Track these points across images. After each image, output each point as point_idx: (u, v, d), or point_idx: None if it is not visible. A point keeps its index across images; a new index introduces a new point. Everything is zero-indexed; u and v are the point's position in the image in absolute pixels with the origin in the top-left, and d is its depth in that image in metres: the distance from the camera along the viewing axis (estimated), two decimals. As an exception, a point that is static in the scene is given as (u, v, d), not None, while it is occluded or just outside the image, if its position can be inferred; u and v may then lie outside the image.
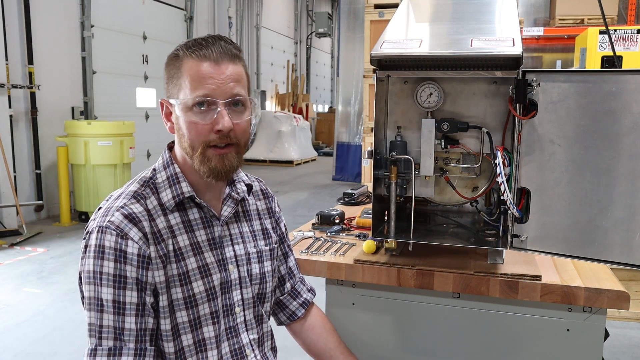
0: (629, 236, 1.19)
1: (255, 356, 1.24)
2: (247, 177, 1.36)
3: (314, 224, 1.92)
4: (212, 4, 11.60)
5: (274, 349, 1.33)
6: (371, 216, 1.44)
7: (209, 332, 1.16)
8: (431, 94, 1.42)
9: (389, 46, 1.33)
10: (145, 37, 9.05)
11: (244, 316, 1.24)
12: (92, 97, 7.62)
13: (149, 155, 8.97)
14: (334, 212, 1.92)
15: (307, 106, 16.48)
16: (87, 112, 7.54)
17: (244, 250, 1.26)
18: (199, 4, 10.93)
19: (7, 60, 6.00)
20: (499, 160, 1.29)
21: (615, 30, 4.24)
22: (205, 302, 1.16)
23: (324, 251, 1.60)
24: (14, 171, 6.09)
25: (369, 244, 1.52)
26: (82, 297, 1.11)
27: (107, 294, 1.05)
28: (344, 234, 1.80)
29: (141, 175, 1.21)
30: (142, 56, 9.01)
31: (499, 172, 1.28)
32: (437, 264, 1.43)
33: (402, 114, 1.49)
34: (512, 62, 1.27)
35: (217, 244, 1.21)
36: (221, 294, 1.19)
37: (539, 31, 6.74)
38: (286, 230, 1.45)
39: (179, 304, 1.12)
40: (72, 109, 7.26)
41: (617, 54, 3.98)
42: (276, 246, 1.37)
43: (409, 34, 1.41)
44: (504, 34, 1.32)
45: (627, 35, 4.16)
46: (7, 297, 3.97)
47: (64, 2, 7.11)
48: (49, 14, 6.79)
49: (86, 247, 1.09)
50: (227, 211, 1.23)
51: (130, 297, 1.06)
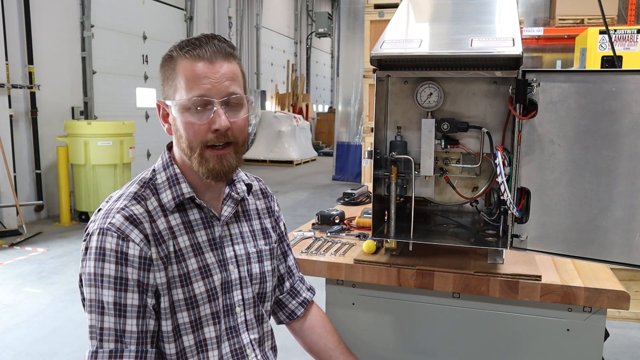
0: (629, 236, 1.19)
1: (255, 356, 1.24)
2: (247, 176, 1.36)
3: (314, 224, 1.92)
4: (212, 4, 11.60)
5: (274, 349, 1.34)
6: (371, 216, 1.44)
7: (209, 332, 1.16)
8: (431, 94, 1.42)
9: (389, 46, 1.33)
10: (145, 37, 9.05)
11: (245, 316, 1.24)
12: (92, 97, 7.62)
13: (149, 155, 8.97)
14: (334, 212, 1.92)
15: (307, 106, 16.48)
16: (87, 112, 7.54)
17: (244, 250, 1.25)
18: (199, 4, 10.93)
19: (7, 60, 6.00)
20: (499, 160, 1.29)
21: (615, 30, 4.24)
22: (206, 302, 1.15)
23: (324, 251, 1.60)
24: (14, 171, 6.09)
25: (369, 244, 1.52)
26: (83, 299, 1.11)
27: (108, 296, 1.05)
28: (344, 234, 1.80)
29: (141, 176, 1.21)
30: (142, 56, 9.01)
31: (499, 172, 1.28)
32: (437, 264, 1.43)
33: (402, 114, 1.49)
34: (512, 62, 1.27)
35: (217, 244, 1.21)
36: (222, 294, 1.19)
37: (539, 31, 6.74)
38: (285, 229, 1.45)
39: (180, 305, 1.12)
40: (72, 109, 7.26)
41: (617, 54, 3.98)
42: (276, 245, 1.37)
43: (409, 34, 1.41)
44: (504, 34, 1.32)
45: (627, 35, 4.16)
46: (7, 297, 3.97)
47: (64, 2, 7.11)
48: (49, 14, 6.79)
49: (87, 250, 1.08)
50: (227, 211, 1.23)
51: (131, 299, 1.06)
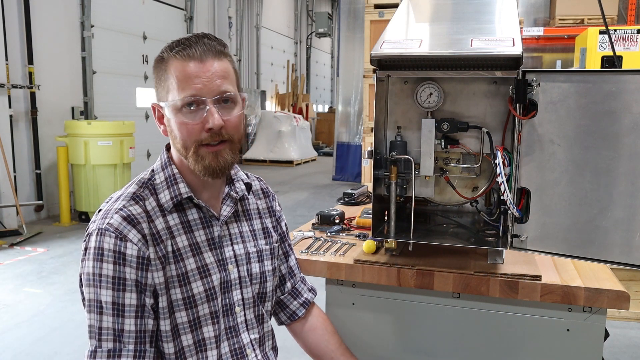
0: (629, 236, 1.19)
1: (255, 356, 1.24)
2: (248, 176, 1.36)
3: (314, 224, 1.92)
4: (212, 4, 11.60)
5: (274, 349, 1.33)
6: (371, 216, 1.44)
7: (208, 332, 1.16)
8: (431, 94, 1.42)
9: (389, 46, 1.33)
10: (145, 37, 9.05)
11: (244, 316, 1.24)
12: (92, 97, 7.62)
13: (149, 155, 8.97)
14: (334, 212, 1.92)
15: (307, 106, 16.48)
16: (87, 112, 7.54)
17: (243, 249, 1.25)
18: (199, 4, 10.93)
19: (7, 60, 6.00)
20: (499, 160, 1.29)
21: (615, 30, 4.24)
22: (204, 302, 1.15)
23: (324, 251, 1.60)
24: (14, 171, 6.09)
25: (369, 244, 1.52)
26: (83, 299, 1.11)
27: (106, 296, 1.05)
28: (344, 234, 1.80)
29: (140, 176, 1.22)
30: (142, 56, 9.01)
31: (499, 172, 1.28)
32: (437, 264, 1.43)
33: (402, 114, 1.49)
34: (512, 62, 1.27)
35: (216, 244, 1.21)
36: (221, 294, 1.19)
37: (539, 31, 6.74)
38: (287, 229, 1.45)
39: (179, 305, 1.12)
40: (72, 109, 7.26)
41: (617, 54, 3.98)
42: (277, 245, 1.37)
43: (409, 34, 1.41)
44: (504, 34, 1.32)
45: (627, 35, 4.16)
46: (7, 297, 3.97)
47: (64, 2, 7.11)
48: (49, 14, 6.79)
49: (86, 250, 1.09)
50: (226, 211, 1.23)
51: (129, 299, 1.06)
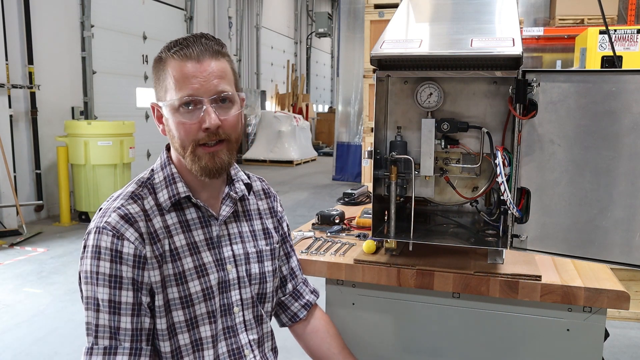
0: (629, 236, 1.19)
1: (254, 357, 1.24)
2: (249, 177, 1.36)
3: (314, 224, 1.92)
4: (212, 4, 11.60)
5: (274, 350, 1.33)
6: (371, 216, 1.44)
7: (205, 331, 1.16)
8: (431, 94, 1.42)
9: (389, 46, 1.33)
10: (145, 37, 9.05)
11: (243, 316, 1.23)
12: (92, 97, 7.62)
13: (149, 155, 8.97)
14: (334, 212, 1.92)
15: (307, 106, 16.48)
16: (87, 112, 7.54)
17: (242, 250, 1.25)
18: (199, 4, 10.93)
19: (7, 60, 6.00)
20: (499, 160, 1.29)
21: (615, 30, 4.24)
22: (201, 301, 1.16)
23: (324, 251, 1.60)
24: (14, 171, 6.09)
25: (369, 244, 1.52)
26: (82, 297, 1.12)
27: (103, 293, 1.06)
28: (344, 234, 1.80)
29: (140, 176, 1.23)
30: (142, 56, 9.01)
31: (499, 172, 1.28)
32: (437, 264, 1.43)
33: (402, 114, 1.49)
34: (512, 62, 1.27)
35: (214, 243, 1.21)
36: (218, 293, 1.19)
37: (539, 31, 6.74)
38: (289, 230, 1.45)
39: (175, 304, 1.13)
40: (72, 109, 7.26)
41: (617, 54, 3.98)
42: (278, 246, 1.36)
43: (409, 34, 1.41)
44: (504, 34, 1.32)
45: (627, 35, 4.16)
46: (7, 297, 3.97)
47: (64, 2, 7.11)
48: (49, 14, 6.79)
49: (85, 247, 1.10)
50: (225, 210, 1.23)
51: (126, 297, 1.07)
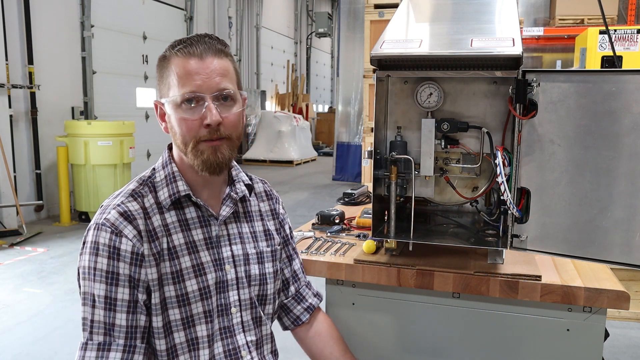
0: (629, 236, 1.19)
1: (252, 358, 1.23)
2: (251, 178, 1.36)
3: (314, 224, 1.92)
4: (212, 4, 11.60)
5: (274, 353, 1.32)
6: (371, 216, 1.44)
7: (201, 330, 1.16)
8: (431, 94, 1.42)
9: (389, 46, 1.33)
10: (145, 37, 9.05)
11: (241, 317, 1.23)
12: (92, 97, 7.62)
13: (149, 155, 8.97)
14: (334, 212, 1.92)
15: (307, 106, 16.48)
16: (87, 112, 7.54)
17: (242, 250, 1.25)
18: (199, 4, 10.93)
19: (7, 60, 6.00)
20: (499, 160, 1.29)
21: (615, 30, 4.24)
22: (198, 300, 1.16)
23: (324, 251, 1.60)
24: (14, 171, 6.09)
25: (369, 244, 1.52)
26: (80, 292, 1.13)
27: (99, 289, 1.07)
28: (344, 234, 1.80)
29: (141, 174, 1.23)
30: (142, 56, 9.01)
31: (499, 172, 1.28)
32: (437, 264, 1.43)
33: (402, 114, 1.49)
34: (512, 62, 1.27)
35: (213, 243, 1.21)
36: (216, 293, 1.19)
37: (539, 31, 6.74)
38: (291, 232, 1.44)
39: (172, 302, 1.13)
40: (72, 109, 7.26)
41: (617, 54, 3.98)
42: (279, 247, 1.36)
43: (409, 34, 1.41)
44: (504, 34, 1.32)
45: (627, 35, 4.16)
46: (7, 297, 3.97)
47: (64, 2, 7.10)
48: (49, 14, 6.79)
49: (84, 244, 1.11)
50: (225, 210, 1.23)
51: (122, 293, 1.08)
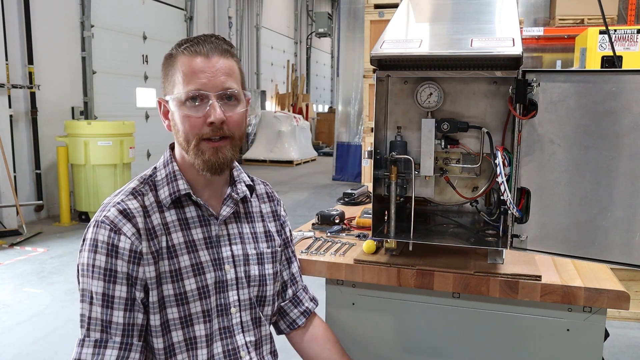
0: (629, 236, 1.19)
1: (251, 359, 1.23)
2: (253, 180, 1.36)
3: (314, 224, 1.92)
4: (212, 4, 11.60)
5: (273, 353, 1.32)
6: (371, 216, 1.44)
7: (200, 330, 1.16)
8: (431, 94, 1.42)
9: (389, 46, 1.33)
10: (145, 37, 9.05)
11: (240, 317, 1.23)
12: (92, 97, 7.62)
13: (149, 155, 8.97)
14: (334, 212, 1.92)
15: (307, 106, 16.48)
16: (87, 112, 7.54)
17: (242, 250, 1.25)
18: (199, 4, 10.93)
19: (7, 60, 6.00)
20: (499, 160, 1.29)
21: (615, 30, 4.24)
22: (196, 300, 1.16)
23: (324, 251, 1.60)
24: (14, 171, 6.09)
25: (369, 244, 1.52)
26: (79, 289, 1.13)
27: (97, 286, 1.07)
28: (344, 234, 1.80)
29: (143, 173, 1.24)
30: (142, 56, 9.01)
31: (499, 172, 1.28)
32: (437, 264, 1.43)
33: (402, 114, 1.49)
34: (512, 62, 1.27)
35: (213, 242, 1.21)
36: (215, 293, 1.19)
37: (539, 31, 6.74)
38: (291, 235, 1.44)
39: (170, 301, 1.13)
40: (72, 109, 7.26)
41: (617, 54, 3.98)
42: (280, 249, 1.36)
43: (409, 34, 1.41)
44: (504, 34, 1.32)
45: (627, 35, 4.16)
46: (7, 297, 3.97)
47: (64, 2, 7.10)
48: (49, 14, 6.79)
49: (83, 241, 1.12)
50: (225, 210, 1.23)
51: (119, 291, 1.08)
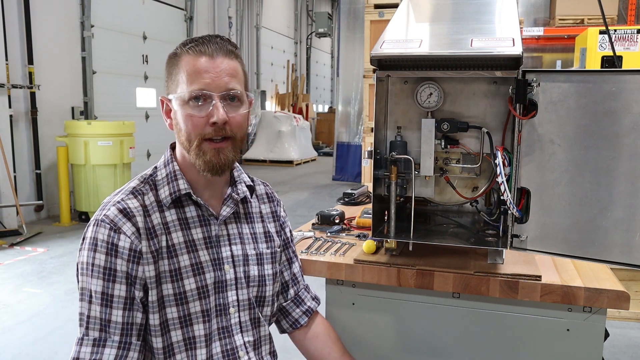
0: (629, 236, 1.19)
1: (249, 359, 1.23)
2: (253, 180, 1.36)
3: (314, 224, 1.92)
4: (212, 4, 11.60)
5: (272, 354, 1.32)
6: (371, 216, 1.44)
7: (199, 330, 1.16)
8: (431, 94, 1.42)
9: (389, 46, 1.33)
10: (145, 37, 9.05)
11: (239, 317, 1.23)
12: (92, 97, 7.62)
13: (149, 155, 8.97)
14: (334, 212, 1.92)
15: (307, 106, 16.48)
16: (87, 112, 7.54)
17: (241, 251, 1.25)
18: (199, 4, 10.93)
19: (7, 60, 6.00)
20: (499, 160, 1.29)
21: (615, 30, 4.24)
22: (196, 299, 1.16)
23: (324, 251, 1.60)
24: (14, 171, 6.09)
25: (369, 244, 1.52)
26: (78, 288, 1.13)
27: (96, 285, 1.08)
28: (344, 234, 1.80)
29: (143, 172, 1.24)
30: (142, 56, 9.01)
31: (499, 172, 1.28)
32: (437, 264, 1.43)
33: (402, 114, 1.49)
34: (512, 62, 1.27)
35: (213, 242, 1.21)
36: (214, 292, 1.19)
37: (539, 31, 6.74)
38: (292, 235, 1.44)
39: (169, 300, 1.13)
40: (72, 109, 7.26)
41: (617, 54, 3.98)
42: (279, 250, 1.36)
43: (409, 34, 1.41)
44: (504, 34, 1.32)
45: (627, 35, 4.16)
46: (7, 297, 3.97)
47: (64, 2, 7.10)
48: (49, 14, 6.79)
49: (83, 239, 1.12)
50: (225, 210, 1.23)
51: (118, 290, 1.08)
